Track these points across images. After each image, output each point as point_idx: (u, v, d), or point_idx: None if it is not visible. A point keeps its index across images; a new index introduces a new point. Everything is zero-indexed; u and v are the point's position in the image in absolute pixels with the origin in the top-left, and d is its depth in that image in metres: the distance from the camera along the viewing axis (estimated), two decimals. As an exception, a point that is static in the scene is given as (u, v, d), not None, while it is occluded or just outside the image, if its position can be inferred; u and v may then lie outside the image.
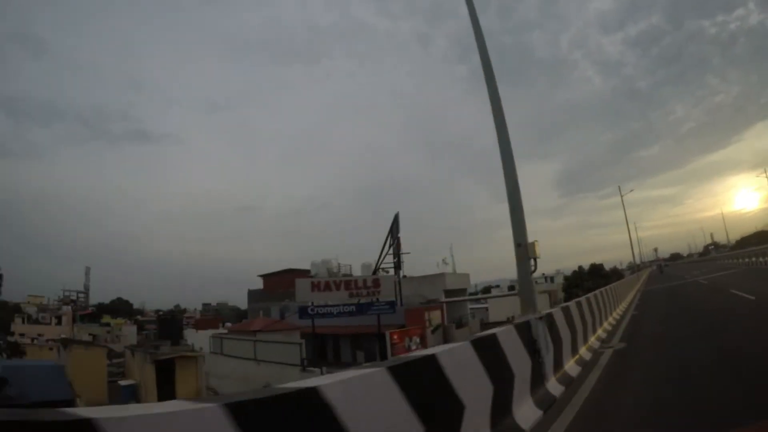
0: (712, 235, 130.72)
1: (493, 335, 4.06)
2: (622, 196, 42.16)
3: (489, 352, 3.87)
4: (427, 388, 3.00)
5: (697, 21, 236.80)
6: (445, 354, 3.23)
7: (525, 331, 4.81)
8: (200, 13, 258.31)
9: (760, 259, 35.27)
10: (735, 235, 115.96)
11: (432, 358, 3.14)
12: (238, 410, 2.01)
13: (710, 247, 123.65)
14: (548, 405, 4.61)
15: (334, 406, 2.35)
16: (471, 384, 3.44)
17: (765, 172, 57.23)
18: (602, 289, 12.52)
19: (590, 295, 9.80)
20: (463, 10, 6.78)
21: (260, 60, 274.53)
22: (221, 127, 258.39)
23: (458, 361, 3.37)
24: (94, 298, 75.31)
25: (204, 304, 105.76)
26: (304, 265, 37.89)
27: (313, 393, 2.33)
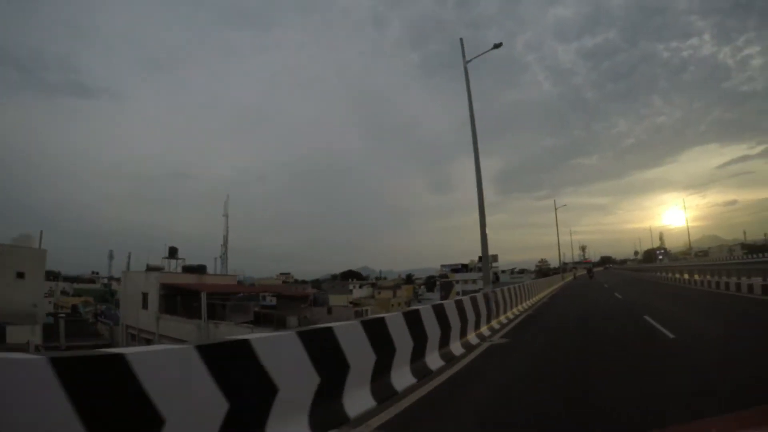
0: (661, 236, 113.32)
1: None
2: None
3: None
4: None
5: (652, 43, 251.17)
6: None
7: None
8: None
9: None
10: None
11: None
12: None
13: (659, 253, 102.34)
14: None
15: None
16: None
17: (696, 193, 59.90)
18: None
19: None
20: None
21: (209, 19, 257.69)
22: (162, 87, 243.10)
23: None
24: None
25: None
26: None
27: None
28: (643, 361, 7.04)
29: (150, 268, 38.18)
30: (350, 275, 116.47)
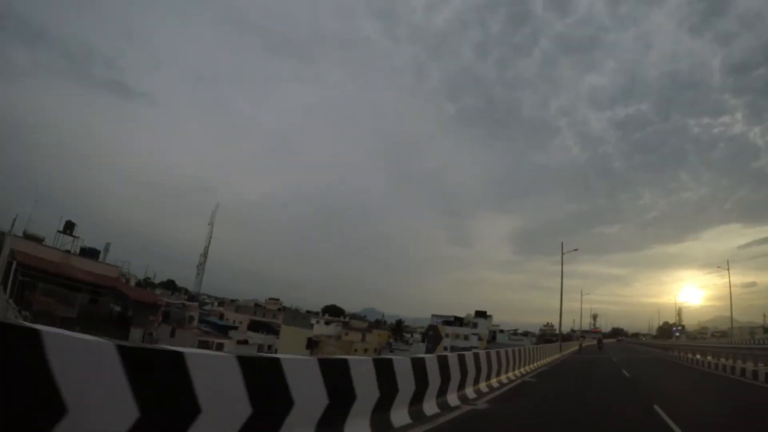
0: (679, 312, 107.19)
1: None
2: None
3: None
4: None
5: (684, 118, 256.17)
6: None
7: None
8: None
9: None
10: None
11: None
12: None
13: (675, 329, 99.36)
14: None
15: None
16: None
17: (713, 270, 56.36)
18: None
19: None
20: (465, 51, 6.68)
21: (257, 44, 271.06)
22: (200, 102, 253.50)
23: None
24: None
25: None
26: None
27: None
28: None
29: (28, 236, 31.45)
30: (330, 310, 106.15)
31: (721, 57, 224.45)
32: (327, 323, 76.62)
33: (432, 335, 79.79)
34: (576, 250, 40.62)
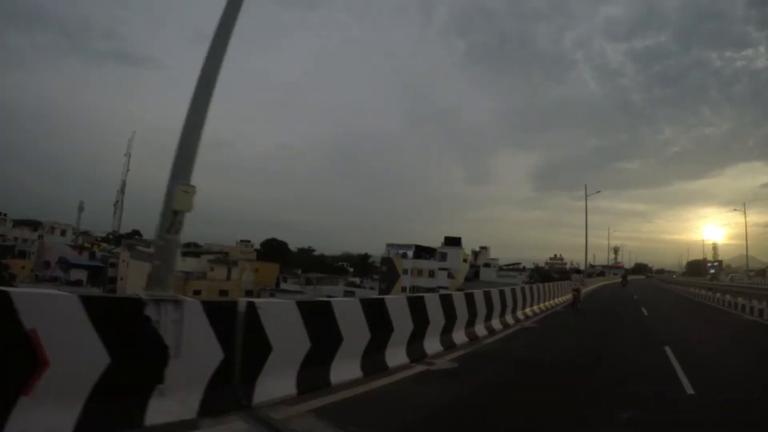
0: (715, 247, 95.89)
1: None
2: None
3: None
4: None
5: (705, 51, 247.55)
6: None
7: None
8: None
9: None
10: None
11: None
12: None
13: (710, 265, 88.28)
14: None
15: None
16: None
17: (736, 208, 53.57)
18: None
19: None
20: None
21: None
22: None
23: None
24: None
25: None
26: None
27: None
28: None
29: None
30: (268, 245, 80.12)
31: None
32: (196, 255, 57.85)
33: (386, 271, 60.51)
34: (599, 192, 46.01)
